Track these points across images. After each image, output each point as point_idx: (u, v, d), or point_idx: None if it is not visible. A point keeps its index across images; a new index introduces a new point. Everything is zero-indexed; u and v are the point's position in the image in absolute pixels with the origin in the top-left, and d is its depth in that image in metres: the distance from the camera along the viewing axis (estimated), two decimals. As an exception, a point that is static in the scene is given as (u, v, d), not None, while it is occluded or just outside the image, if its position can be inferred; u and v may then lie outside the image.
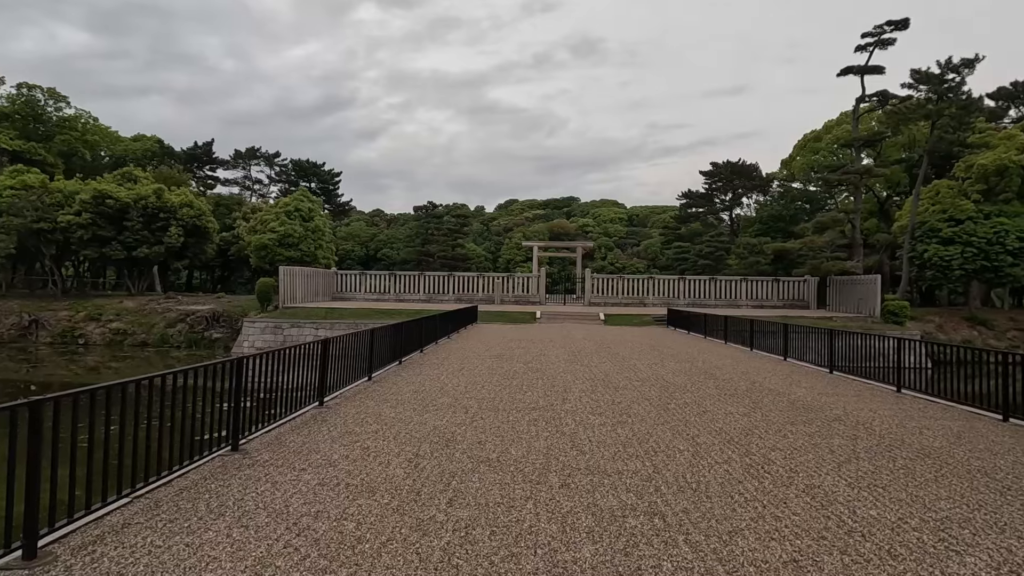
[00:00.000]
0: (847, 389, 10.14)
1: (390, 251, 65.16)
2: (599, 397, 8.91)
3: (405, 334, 12.99)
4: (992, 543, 3.87)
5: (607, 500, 4.53)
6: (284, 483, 4.77)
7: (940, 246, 30.17)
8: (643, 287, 35.35)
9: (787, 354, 14.24)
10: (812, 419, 7.68)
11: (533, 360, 13.14)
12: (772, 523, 4.14)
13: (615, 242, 77.03)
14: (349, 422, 7.02)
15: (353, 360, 9.56)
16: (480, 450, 5.87)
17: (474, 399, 8.52)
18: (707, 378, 11.03)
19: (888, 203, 42.22)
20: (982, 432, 7.13)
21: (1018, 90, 40.54)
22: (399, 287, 35.43)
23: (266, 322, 25.77)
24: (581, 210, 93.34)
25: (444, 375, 10.77)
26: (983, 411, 8.28)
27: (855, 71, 35.23)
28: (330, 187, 59.87)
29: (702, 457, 5.80)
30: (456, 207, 77.68)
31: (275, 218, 36.65)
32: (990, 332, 29.11)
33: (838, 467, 5.55)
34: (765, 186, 50.61)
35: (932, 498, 4.73)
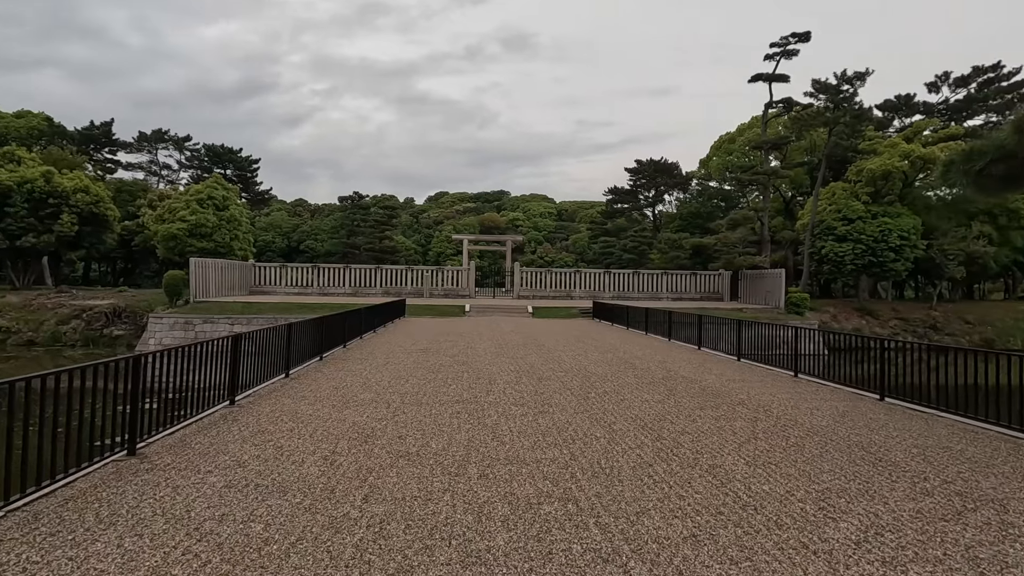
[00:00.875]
0: (752, 375, 10.90)
1: (314, 243, 62.68)
2: (523, 388, 9.06)
3: (327, 329, 12.57)
4: (863, 509, 4.32)
5: (524, 489, 4.63)
6: (186, 487, 4.51)
7: (835, 243, 33.01)
8: (570, 281, 36.17)
9: (701, 344, 15.10)
10: (719, 404, 8.20)
11: (460, 353, 13.13)
12: (676, 502, 4.40)
13: (545, 236, 78.27)
14: (262, 421, 6.72)
15: (269, 356, 9.15)
16: (400, 445, 5.81)
17: (397, 394, 8.41)
18: (627, 368, 11.48)
19: (793, 202, 45.58)
20: (863, 411, 7.90)
21: (900, 103, 44.95)
22: (323, 280, 34.18)
23: (175, 318, 24.09)
24: (512, 204, 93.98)
25: (367, 370, 10.54)
26: (865, 392, 9.18)
27: (764, 78, 37.67)
28: (248, 175, 56.60)
29: (617, 443, 6.05)
30: (384, 198, 75.84)
31: (185, 206, 34.21)
32: (876, 321, 32.24)
33: (739, 447, 5.97)
34: (685, 184, 53.11)
35: (816, 472, 5.20)
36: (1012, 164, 4.97)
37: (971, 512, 4.30)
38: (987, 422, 7.00)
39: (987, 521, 4.13)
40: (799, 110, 36.96)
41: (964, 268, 34.52)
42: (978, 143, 5.49)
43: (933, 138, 36.48)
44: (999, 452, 5.97)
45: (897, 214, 32.99)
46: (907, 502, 4.48)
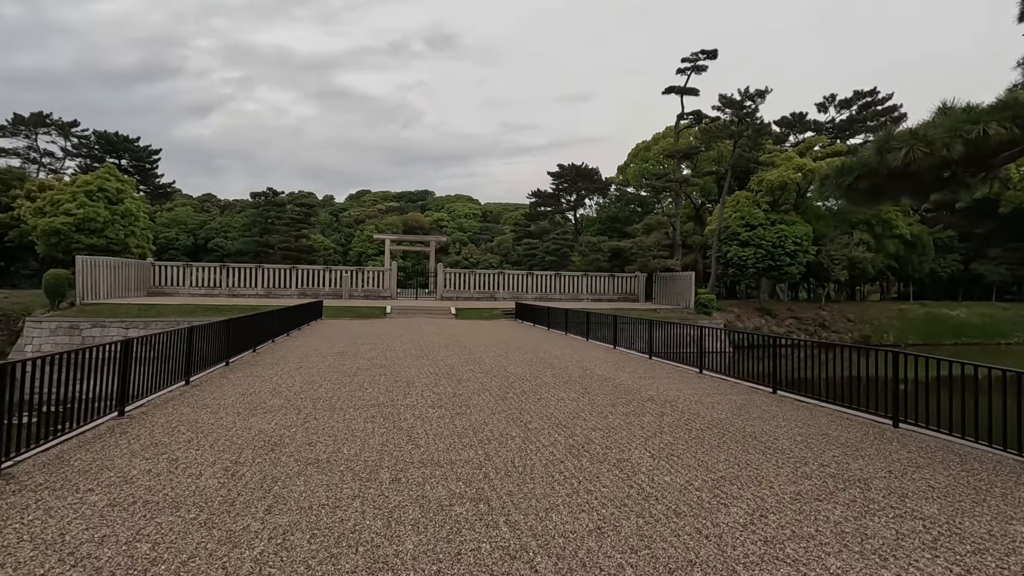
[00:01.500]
0: (661, 372, 11.49)
1: (224, 241, 58.86)
2: (442, 390, 9.01)
3: (235, 332, 11.85)
4: (751, 494, 4.69)
5: (436, 491, 4.62)
6: (61, 508, 4.10)
7: (739, 248, 35.51)
8: (494, 282, 36.39)
9: (616, 343, 15.71)
10: (630, 400, 8.57)
11: (378, 356, 12.85)
12: (584, 497, 4.56)
13: (469, 237, 78.18)
14: (156, 432, 6.23)
15: (167, 362, 8.50)
16: (310, 452, 5.61)
17: (309, 399, 8.10)
18: (546, 367, 11.73)
19: (702, 209, 48.50)
20: (757, 403, 8.56)
21: (795, 120, 49.16)
22: (233, 281, 32.19)
23: (58, 322, 21.76)
24: (436, 204, 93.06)
25: (278, 375, 10.06)
26: (760, 386, 9.95)
27: (676, 91, 39.85)
28: (147, 166, 52.23)
29: (532, 441, 6.17)
30: (302, 195, 72.65)
31: (71, 199, 30.97)
32: (774, 320, 35.01)
33: (645, 441, 6.29)
34: (605, 189, 55.08)
35: (713, 462, 5.58)
36: (875, 180, 5.62)
37: (841, 491, 4.79)
38: (859, 410, 7.82)
39: (853, 499, 4.62)
40: (708, 122, 39.42)
41: (847, 272, 38.24)
42: (848, 160, 6.15)
43: (822, 153, 40.17)
44: (867, 436, 6.68)
45: (792, 222, 36.01)
46: (789, 485, 4.92)
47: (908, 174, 5.37)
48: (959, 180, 5.72)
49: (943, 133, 4.82)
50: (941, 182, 5.89)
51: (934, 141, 4.88)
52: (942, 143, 4.79)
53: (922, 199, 10.50)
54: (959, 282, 47.66)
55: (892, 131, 5.51)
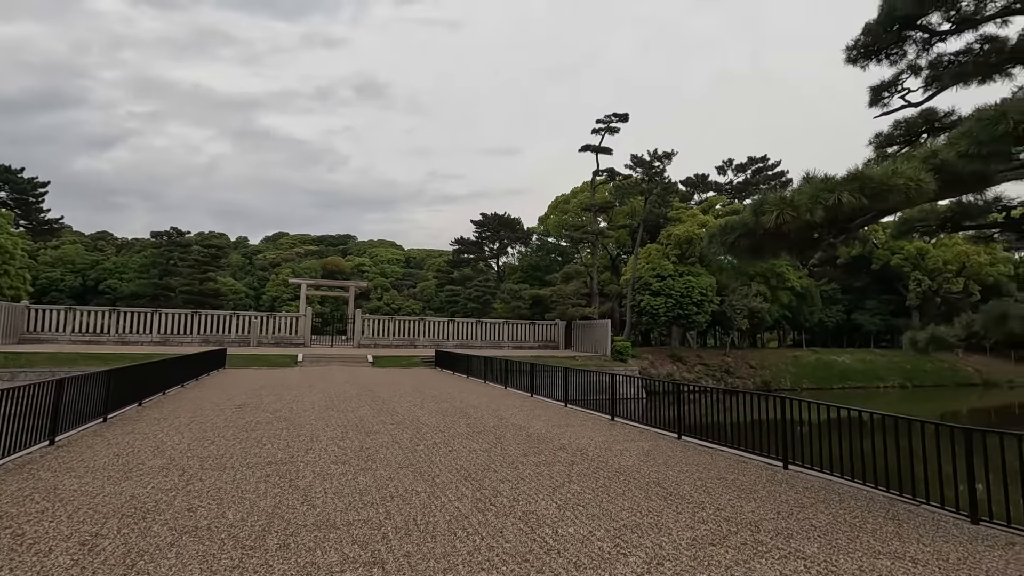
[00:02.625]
0: (575, 420, 11.61)
1: (118, 282, 54.11)
2: (348, 444, 8.57)
3: (116, 384, 10.73)
4: (651, 542, 4.76)
5: (327, 557, 4.30)
6: None
7: (651, 297, 37.37)
8: (415, 329, 35.75)
9: (534, 391, 15.77)
10: (542, 449, 8.55)
11: (283, 408, 12.07)
12: (486, 553, 4.43)
13: (392, 283, 76.93)
14: (2, 503, 5.41)
15: (25, 419, 7.51)
16: (188, 518, 5.08)
17: (196, 458, 7.40)
18: (460, 417, 11.51)
19: (618, 260, 50.92)
20: (663, 449, 8.83)
21: (698, 180, 53.53)
22: (123, 326, 29.40)
23: (-102, 373, 18.72)
24: (358, 249, 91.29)
25: (164, 432, 9.15)
26: (667, 432, 10.29)
27: (592, 149, 42.31)
28: (30, 199, 47.53)
29: (438, 496, 5.96)
30: (212, 236, 68.76)
31: (-69, 233, 27.45)
32: (684, 366, 36.73)
33: (553, 491, 6.25)
34: (526, 238, 56.53)
35: (617, 510, 5.63)
36: (754, 240, 6.22)
37: (733, 535, 4.97)
38: (755, 453, 8.26)
39: (744, 542, 4.80)
40: (621, 179, 41.99)
41: (748, 321, 41.19)
42: (730, 219, 6.78)
43: (722, 212, 43.76)
44: (761, 479, 7.04)
45: (698, 273, 38.55)
46: (686, 531, 5.04)
47: (781, 234, 5.97)
48: (825, 241, 6.45)
49: (807, 199, 5.46)
50: (811, 242, 6.62)
51: (800, 206, 5.50)
52: (806, 208, 5.42)
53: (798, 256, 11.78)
54: (844, 330, 52.66)
55: (766, 196, 6.15)
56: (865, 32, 8.44)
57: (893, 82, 8.55)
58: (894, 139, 8.33)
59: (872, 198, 5.17)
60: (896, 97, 8.74)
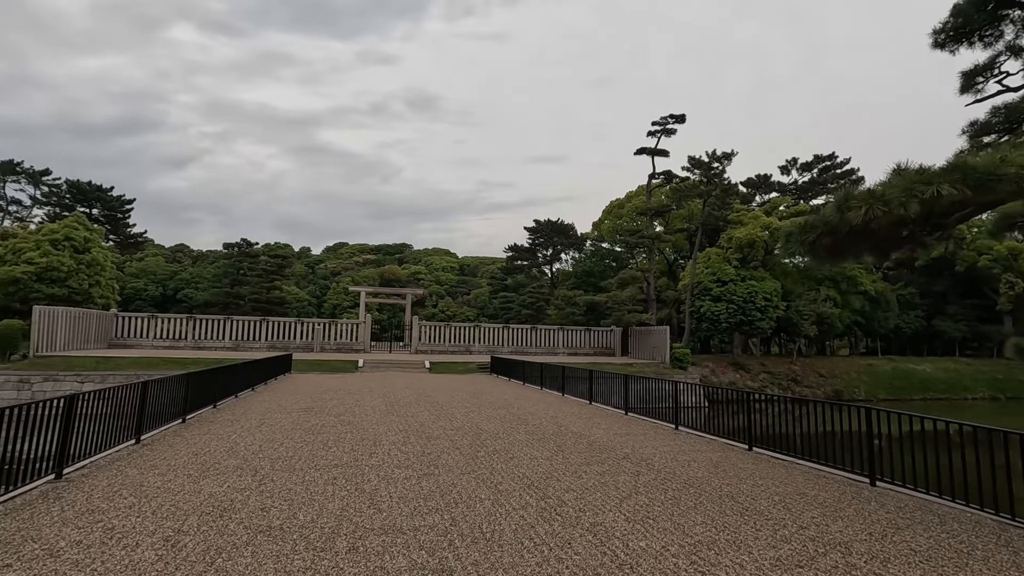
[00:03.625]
0: (637, 429, 11.27)
1: (193, 291, 57.55)
2: (410, 449, 8.63)
3: (194, 387, 11.32)
4: (730, 560, 4.47)
5: (396, 562, 4.28)
6: (-30, 588, 3.66)
7: (711, 302, 36.10)
8: (470, 335, 36.05)
9: (592, 398, 15.47)
10: (605, 459, 8.31)
11: (346, 412, 12.36)
12: (555, 565, 4.28)
13: (446, 290, 78.08)
14: (95, 497, 5.75)
15: (115, 420, 8.00)
16: (262, 518, 5.21)
17: (268, 459, 7.64)
18: (519, 424, 11.41)
19: (675, 265, 49.59)
20: (733, 461, 8.38)
21: (760, 181, 51.42)
22: (199, 333, 31.20)
23: (6, 375, 20.59)
24: (414, 257, 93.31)
25: (236, 433, 9.54)
26: (736, 442, 9.79)
27: (647, 152, 41.48)
28: (118, 215, 51.49)
29: (502, 504, 5.86)
30: (277, 247, 72.20)
31: (35, 247, 30.13)
32: (748, 375, 35.20)
33: (620, 503, 6.03)
34: (580, 244, 56.07)
35: (690, 524, 5.35)
36: (836, 238, 5.78)
37: (822, 556, 4.60)
38: (836, 468, 7.70)
39: (835, 564, 4.43)
40: (678, 182, 40.90)
41: (816, 327, 39.06)
42: (810, 218, 6.34)
43: (787, 213, 41.81)
44: (845, 496, 6.54)
45: (762, 278, 36.93)
46: (768, 550, 4.71)
47: (868, 232, 5.52)
48: (916, 239, 5.92)
49: (899, 193, 5.02)
50: (899, 240, 6.09)
51: (891, 200, 5.06)
52: (898, 202, 4.97)
53: (882, 257, 10.96)
54: (923, 337, 49.03)
55: (852, 191, 5.71)
56: (955, 14, 7.78)
57: (989, 65, 7.83)
58: (992, 127, 7.60)
59: (976, 189, 4.68)
60: (992, 82, 7.99)
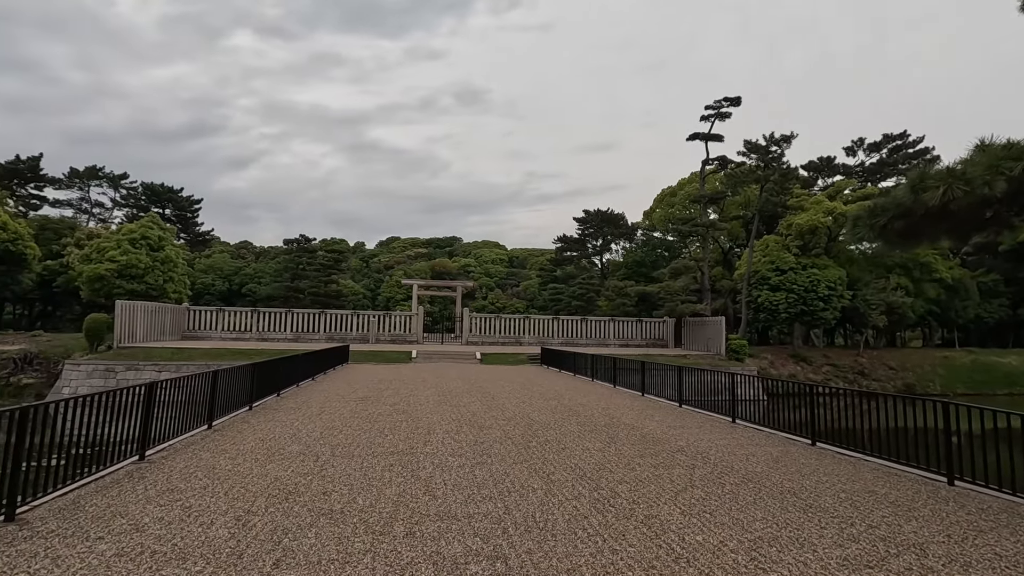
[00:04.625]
0: (692, 421, 11.01)
1: (256, 286, 60.46)
2: (463, 438, 8.77)
3: (260, 376, 11.91)
4: (792, 558, 4.30)
5: (452, 547, 4.37)
6: (69, 557, 4.00)
7: (770, 292, 34.70)
8: (520, 326, 36.19)
9: (644, 390, 15.22)
10: (659, 451, 8.17)
11: (401, 402, 12.69)
12: (609, 556, 4.25)
13: (496, 282, 78.63)
14: (173, 478, 6.16)
15: (190, 406, 8.53)
16: (324, 502, 5.43)
17: (328, 445, 7.95)
18: (571, 415, 11.38)
19: (730, 253, 47.92)
20: (795, 456, 8.06)
21: (823, 164, 48.80)
22: (263, 325, 32.78)
23: (95, 364, 22.34)
24: (463, 250, 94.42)
25: (299, 420, 9.98)
26: (797, 437, 9.41)
27: (700, 137, 40.17)
28: (188, 215, 54.63)
29: (554, 494, 5.87)
30: (333, 242, 74.70)
31: (116, 246, 32.40)
32: (809, 367, 33.68)
33: (675, 496, 5.91)
34: (630, 234, 55.09)
35: (749, 520, 5.18)
36: (910, 221, 5.39)
37: (894, 558, 4.36)
38: (908, 465, 7.26)
39: (908, 566, 4.19)
40: (733, 168, 39.42)
41: (885, 317, 36.86)
42: (880, 200, 5.94)
43: (853, 196, 39.55)
44: (920, 495, 6.16)
45: (824, 266, 35.16)
46: (834, 549, 4.50)
47: (945, 214, 5.12)
48: (1001, 220, 5.43)
49: (982, 171, 4.60)
50: (982, 222, 5.62)
51: (973, 179, 4.66)
52: (982, 180, 4.57)
53: (962, 240, 10.15)
54: (1008, 328, 45.43)
55: (927, 170, 5.31)
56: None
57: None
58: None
59: (1072, 164, 4.24)
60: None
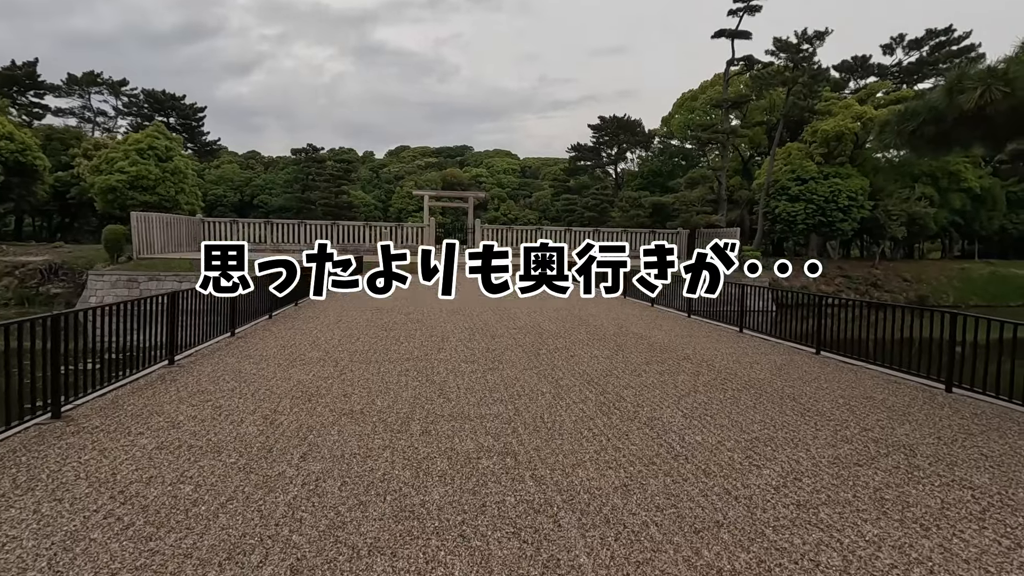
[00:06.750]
0: (699, 331, 11.24)
1: (268, 197, 60.26)
2: (475, 345, 9.08)
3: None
4: (786, 456, 4.56)
5: (465, 444, 4.68)
6: (114, 449, 4.36)
7: (788, 203, 33.89)
8: (532, 238, 36.08)
9: (654, 301, 15.42)
10: (665, 359, 8.43)
11: (415, 312, 13.03)
12: (612, 454, 4.53)
13: (508, 193, 77.39)
14: (203, 381, 6.54)
15: (213, 315, 8.86)
16: (344, 403, 5.76)
17: (346, 352, 8.30)
18: (580, 325, 11.65)
19: (750, 162, 46.30)
20: (798, 364, 8.28)
21: (856, 64, 45.60)
22: (277, 236, 33.04)
23: (118, 275, 22.94)
24: (475, 160, 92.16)
25: (317, 328, 10.35)
26: (803, 346, 9.61)
27: (727, 34, 37.42)
28: (193, 124, 53.43)
29: (562, 398, 6.16)
30: (342, 152, 73.23)
31: (124, 157, 32.11)
32: (823, 279, 33.56)
33: (678, 400, 6.18)
34: (647, 142, 53.16)
35: (748, 422, 5.44)
36: (942, 126, 5.10)
37: (883, 457, 4.60)
38: (909, 373, 7.45)
39: (896, 465, 4.43)
40: (760, 69, 37.05)
41: (906, 228, 36.07)
42: (912, 104, 5.61)
43: (885, 100, 37.33)
44: (916, 401, 6.38)
45: (847, 175, 33.98)
46: (827, 449, 4.75)
47: (981, 118, 4.82)
48: (1042, 125, 5.14)
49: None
50: (1020, 127, 5.30)
51: (1016, 79, 4.33)
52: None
53: (996, 147, 9.61)
54: (1032, 240, 44.40)
55: (967, 69, 4.94)
56: None
57: None
58: None
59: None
60: None
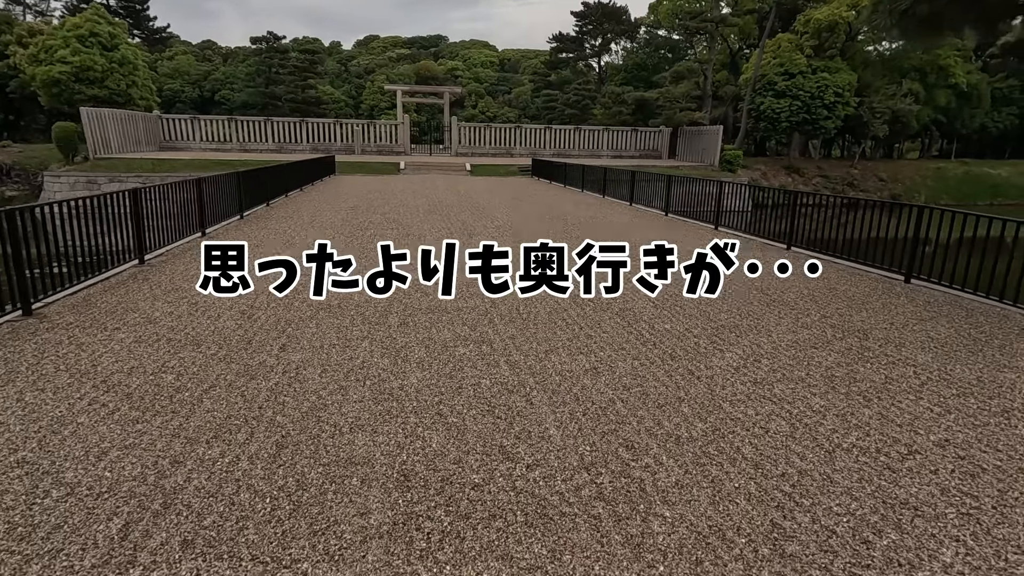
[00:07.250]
0: (675, 229, 11.33)
1: (229, 92, 56.40)
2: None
3: (247, 185, 11.80)
4: (749, 341, 4.81)
5: (442, 334, 4.81)
6: (92, 344, 4.39)
7: (774, 99, 32.97)
8: (511, 137, 34.95)
9: (633, 200, 15.36)
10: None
11: (391, 211, 12.81)
12: (584, 341, 4.72)
13: (486, 88, 73.59)
14: (175, 279, 6.48)
15: (181, 217, 8.60)
16: (321, 298, 5.80)
17: (322, 250, 8.21)
18: (558, 222, 11.62)
19: (739, 55, 44.30)
20: (769, 259, 8.48)
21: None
22: (244, 135, 31.37)
23: (76, 176, 21.84)
24: (450, 51, 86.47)
25: (291, 228, 10.16)
26: (774, 242, 9.81)
27: (724, -93, 34.19)
28: (137, 7, 48.44)
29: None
30: (306, 41, 67.66)
31: (64, 44, 29.24)
32: (801, 178, 33.65)
33: (647, 296, 6.35)
34: (633, 31, 50.14)
35: (715, 312, 5.66)
36: (935, 4, 4.86)
37: (838, 340, 4.88)
38: (872, 266, 7.72)
39: (849, 347, 4.72)
40: (756, -52, 34.32)
41: (888, 127, 35.69)
42: (907, -20, 5.30)
43: (884, -14, 35.26)
44: (876, 291, 6.67)
45: (836, 69, 32.87)
46: (787, 334, 5.01)
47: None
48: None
49: (1030, -60, 4.01)
50: (1015, 7, 5.07)
51: (1016, -49, 4.09)
52: (1026, -46, 4.01)
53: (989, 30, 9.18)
54: (1010, 139, 44.45)
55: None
56: None
57: None
58: None
59: None
60: None
